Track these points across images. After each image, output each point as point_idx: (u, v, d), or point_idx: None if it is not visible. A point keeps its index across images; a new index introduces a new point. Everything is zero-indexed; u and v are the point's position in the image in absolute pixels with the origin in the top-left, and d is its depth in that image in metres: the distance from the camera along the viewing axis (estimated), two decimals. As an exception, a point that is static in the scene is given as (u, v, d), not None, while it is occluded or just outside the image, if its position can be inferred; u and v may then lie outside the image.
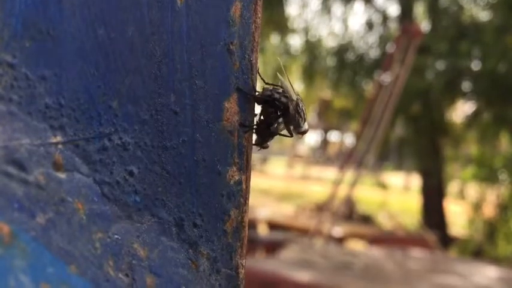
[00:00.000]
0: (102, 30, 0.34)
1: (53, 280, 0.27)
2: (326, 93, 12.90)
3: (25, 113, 0.31)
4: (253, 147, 0.43)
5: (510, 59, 6.33)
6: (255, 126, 0.42)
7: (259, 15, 0.42)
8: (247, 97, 0.41)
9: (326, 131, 20.62)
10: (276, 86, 0.44)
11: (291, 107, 0.43)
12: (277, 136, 0.46)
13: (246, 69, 0.41)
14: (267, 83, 0.44)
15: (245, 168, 0.42)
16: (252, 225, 6.65)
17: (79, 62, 0.33)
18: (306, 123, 0.44)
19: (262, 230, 6.69)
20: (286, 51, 10.30)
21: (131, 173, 0.36)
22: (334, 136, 21.82)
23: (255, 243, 5.42)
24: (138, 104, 0.36)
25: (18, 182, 0.30)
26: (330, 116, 15.85)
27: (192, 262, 0.38)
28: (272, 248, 4.93)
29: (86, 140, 0.34)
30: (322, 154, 21.35)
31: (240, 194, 0.41)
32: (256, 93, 0.43)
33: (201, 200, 0.39)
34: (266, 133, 0.43)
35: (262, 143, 0.44)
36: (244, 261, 0.42)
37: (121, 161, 0.35)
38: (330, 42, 9.79)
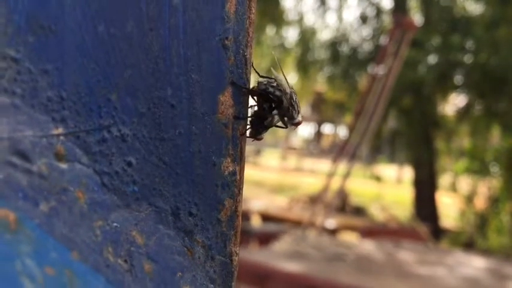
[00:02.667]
0: (102, 26, 0.35)
1: (57, 265, 0.28)
2: (320, 85, 12.91)
3: (28, 105, 0.32)
4: (248, 139, 0.45)
5: (501, 52, 6.37)
6: (249, 119, 0.44)
7: (253, 11, 0.43)
8: (242, 91, 0.43)
9: (320, 123, 20.66)
10: (270, 79, 0.46)
11: (285, 100, 0.44)
12: (271, 128, 0.47)
13: (241, 64, 0.43)
14: (261, 76, 0.46)
15: (239, 159, 0.43)
16: (246, 217, 6.68)
17: (80, 57, 0.35)
18: (299, 115, 0.45)
19: (256, 222, 6.71)
20: (281, 43, 10.29)
21: (129, 164, 0.37)
22: (327, 128, 21.87)
23: (248, 235, 5.45)
24: (136, 97, 0.37)
25: (22, 172, 0.31)
26: (324, 109, 15.88)
27: (187, 249, 0.40)
28: (265, 239, 4.95)
29: (86, 131, 0.35)
30: (315, 146, 21.40)
31: (234, 184, 0.43)
32: (251, 87, 0.44)
33: (196, 190, 0.41)
34: (260, 125, 0.45)
35: (256, 135, 0.45)
36: (238, 249, 0.43)
37: (120, 152, 0.37)
38: (324, 35, 9.80)
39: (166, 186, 0.39)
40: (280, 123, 0.45)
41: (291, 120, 0.45)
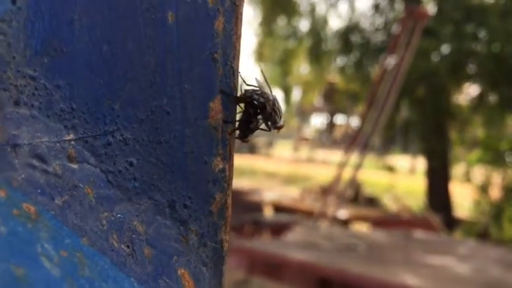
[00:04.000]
0: (106, 46, 0.41)
1: (70, 249, 0.35)
2: (332, 75, 12.89)
3: (44, 116, 0.39)
4: (236, 140, 0.51)
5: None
6: (237, 123, 0.50)
7: (240, 27, 0.49)
8: (230, 98, 0.49)
9: (332, 113, 20.59)
10: (255, 87, 0.52)
11: (268, 106, 0.50)
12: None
13: (229, 74, 0.49)
14: (247, 85, 0.52)
15: (228, 158, 0.49)
16: (258, 207, 6.75)
17: (87, 73, 0.41)
18: (281, 120, 0.51)
19: (268, 213, 6.78)
20: (293, 33, 10.28)
21: (131, 164, 0.43)
22: (340, 119, 21.80)
23: (261, 226, 5.52)
24: (136, 106, 0.43)
25: (40, 172, 0.37)
26: (336, 99, 15.83)
27: (182, 237, 0.46)
28: (278, 230, 5.01)
29: (94, 137, 0.41)
30: (328, 137, 21.35)
31: (224, 180, 0.49)
32: (238, 95, 0.50)
33: (190, 185, 0.47)
34: (247, 129, 0.51)
35: (243, 138, 0.51)
36: (227, 236, 0.49)
37: (123, 153, 0.43)
38: (336, 25, 9.78)
39: (164, 183, 0.45)
40: (264, 127, 0.51)
41: (273, 124, 0.51)
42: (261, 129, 0.51)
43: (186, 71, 0.46)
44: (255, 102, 0.50)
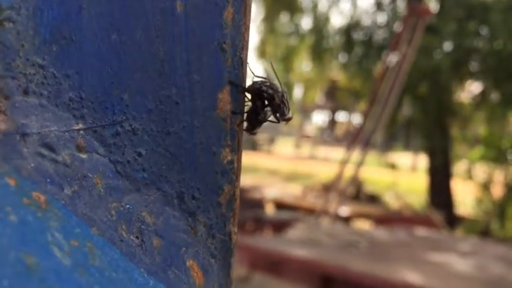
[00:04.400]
0: (115, 35, 0.41)
1: (80, 238, 0.34)
2: (334, 73, 12.87)
3: (53, 105, 0.38)
4: (244, 133, 0.50)
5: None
6: (245, 115, 0.50)
7: (249, 17, 0.48)
8: (238, 89, 0.48)
9: (334, 111, 20.58)
10: (264, 79, 0.51)
11: (276, 98, 0.50)
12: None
13: (237, 65, 0.48)
14: (256, 76, 0.51)
15: (236, 149, 0.49)
16: (260, 204, 6.74)
17: (96, 62, 0.40)
18: (289, 112, 0.51)
19: (270, 210, 6.78)
20: (295, 31, 10.26)
21: (140, 154, 0.43)
22: (342, 116, 21.79)
23: (262, 223, 5.52)
24: (145, 96, 0.43)
25: (49, 161, 0.37)
26: (338, 96, 15.81)
27: (191, 228, 0.46)
28: (279, 227, 5.01)
29: (102, 126, 0.41)
30: (329, 134, 21.34)
31: (232, 171, 0.48)
32: (247, 86, 0.50)
33: (198, 176, 0.46)
34: (255, 120, 0.50)
35: (251, 130, 0.51)
36: (235, 228, 0.49)
37: (131, 144, 0.43)
38: (338, 22, 9.77)
39: (172, 173, 0.45)
40: (272, 118, 0.51)
41: (282, 116, 0.50)
42: (270, 121, 0.51)
43: (195, 61, 0.45)
44: (264, 93, 0.49)
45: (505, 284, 3.09)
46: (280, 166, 13.31)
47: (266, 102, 0.50)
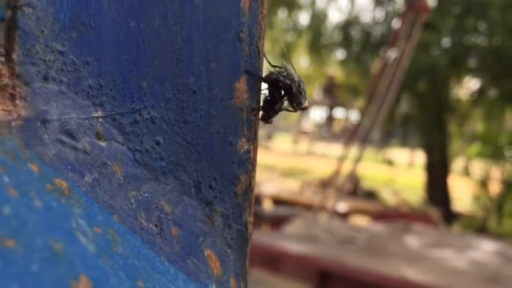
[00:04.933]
0: (133, 22, 0.41)
1: (102, 225, 0.34)
2: (332, 69, 12.86)
3: (73, 92, 0.38)
4: (260, 123, 0.50)
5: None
6: (261, 104, 0.49)
7: (265, 6, 0.48)
8: (255, 78, 0.48)
9: (332, 107, 20.60)
10: (281, 68, 0.51)
11: (294, 88, 0.49)
12: (283, 112, 0.52)
13: (254, 54, 0.48)
14: (273, 66, 0.51)
15: (253, 139, 0.49)
16: (258, 200, 6.74)
17: (115, 50, 0.40)
18: (306, 101, 0.51)
19: (268, 206, 6.78)
20: (293, 27, 10.26)
21: (158, 143, 0.43)
22: (339, 112, 21.80)
23: (260, 218, 5.52)
24: (163, 84, 0.43)
25: (69, 148, 0.37)
26: (336, 93, 15.82)
27: (208, 218, 0.46)
28: (277, 223, 5.01)
29: (121, 114, 0.40)
30: (327, 130, 21.36)
31: (248, 161, 0.48)
32: (263, 75, 0.49)
33: (215, 166, 0.46)
34: (271, 110, 0.50)
35: (267, 119, 0.51)
36: (251, 219, 0.49)
37: (149, 132, 0.42)
38: (336, 18, 9.77)
39: (189, 163, 0.45)
40: (289, 108, 0.51)
41: (298, 106, 0.50)
42: (287, 110, 0.51)
43: (212, 49, 0.45)
44: (281, 84, 0.49)
45: (502, 279, 3.11)
46: (278, 162, 13.31)
47: (283, 92, 0.50)
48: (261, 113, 0.50)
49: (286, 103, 0.51)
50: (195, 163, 0.45)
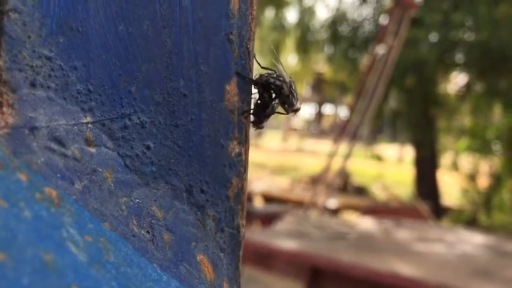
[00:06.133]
0: (122, 25, 0.40)
1: (93, 234, 0.34)
2: (320, 66, 12.88)
3: (61, 98, 0.37)
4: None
5: (502, 30, 6.35)
6: (252, 109, 0.49)
7: (255, 7, 0.47)
8: (246, 80, 0.48)
9: (320, 104, 20.64)
10: (271, 70, 0.51)
11: (285, 89, 0.49)
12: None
13: (244, 56, 0.47)
14: (263, 68, 0.51)
15: (244, 142, 0.48)
16: (248, 198, 6.72)
17: (103, 54, 0.39)
18: (298, 102, 0.50)
19: (258, 203, 6.78)
20: (281, 24, 10.25)
21: (148, 147, 0.42)
22: (328, 109, 21.86)
23: (251, 216, 5.52)
24: (152, 88, 0.42)
25: (59, 155, 0.36)
26: (325, 89, 15.84)
27: (200, 222, 0.45)
28: (268, 220, 5.01)
29: (111, 120, 0.40)
30: (316, 127, 21.41)
31: (240, 164, 0.48)
32: (254, 77, 0.49)
33: (207, 169, 0.46)
34: (262, 114, 0.50)
35: (258, 124, 0.50)
36: (244, 222, 0.48)
37: (139, 137, 0.42)
38: (324, 15, 9.78)
39: (180, 167, 0.44)
40: (281, 110, 0.50)
41: (290, 107, 0.50)
42: (278, 112, 0.50)
43: (202, 52, 0.45)
44: (272, 86, 0.49)
45: (492, 273, 3.14)
46: (267, 159, 13.31)
47: (274, 95, 0.49)
48: (252, 117, 0.49)
49: (277, 106, 0.50)
50: (186, 167, 0.44)
